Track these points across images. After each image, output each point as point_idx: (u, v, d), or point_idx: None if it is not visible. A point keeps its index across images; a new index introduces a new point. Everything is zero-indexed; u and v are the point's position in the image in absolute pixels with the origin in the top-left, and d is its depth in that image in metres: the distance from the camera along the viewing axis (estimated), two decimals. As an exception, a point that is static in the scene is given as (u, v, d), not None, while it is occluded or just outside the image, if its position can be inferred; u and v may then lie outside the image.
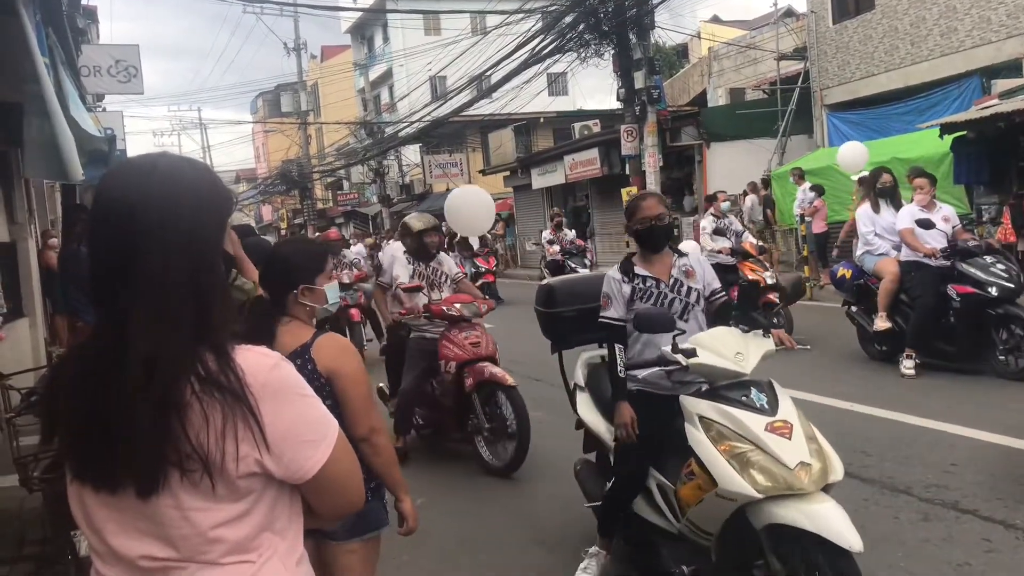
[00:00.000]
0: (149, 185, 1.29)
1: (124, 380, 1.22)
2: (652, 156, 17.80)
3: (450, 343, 5.96)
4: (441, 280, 6.40)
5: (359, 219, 42.03)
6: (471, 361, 5.87)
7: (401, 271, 6.31)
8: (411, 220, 6.48)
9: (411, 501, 2.68)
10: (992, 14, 14.39)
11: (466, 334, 5.98)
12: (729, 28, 30.64)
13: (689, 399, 3.30)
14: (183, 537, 1.27)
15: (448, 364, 5.93)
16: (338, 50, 49.38)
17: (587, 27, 17.60)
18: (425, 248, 6.34)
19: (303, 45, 37.27)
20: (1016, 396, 6.43)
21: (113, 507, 1.28)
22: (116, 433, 1.23)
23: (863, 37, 17.31)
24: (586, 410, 4.20)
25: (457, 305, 6.06)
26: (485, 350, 5.96)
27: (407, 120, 29.83)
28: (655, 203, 3.82)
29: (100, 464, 1.26)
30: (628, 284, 3.78)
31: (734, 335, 3.37)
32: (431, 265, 6.39)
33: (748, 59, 22.68)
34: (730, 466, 3.00)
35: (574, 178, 23.85)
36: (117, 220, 1.27)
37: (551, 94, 31.45)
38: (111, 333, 1.27)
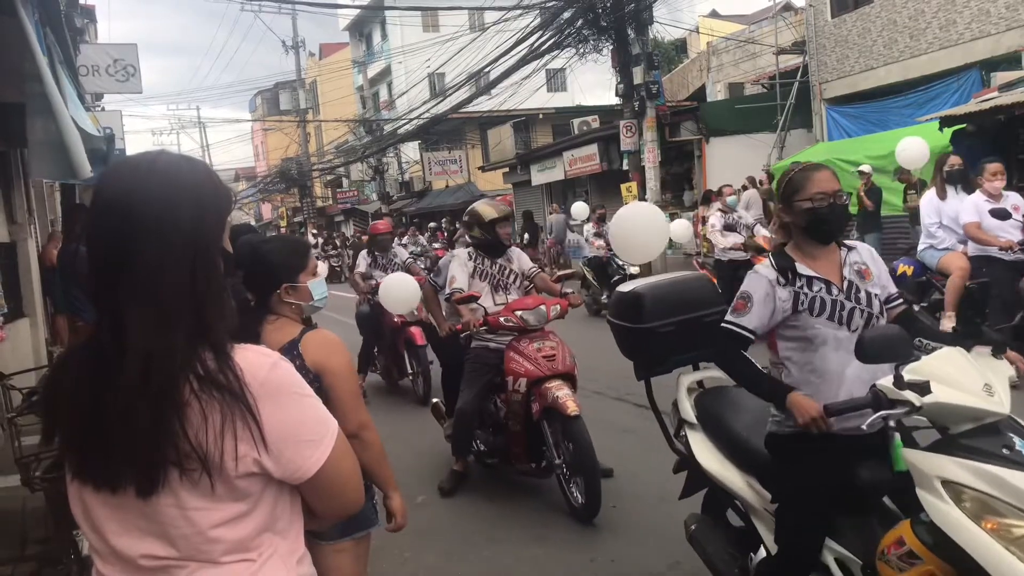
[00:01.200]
0: (148, 182, 1.28)
1: (123, 378, 1.22)
2: (651, 151, 17.78)
3: (518, 355, 4.98)
4: (509, 280, 5.48)
5: (358, 217, 42.04)
6: (544, 379, 4.86)
7: (458, 271, 5.37)
8: (480, 207, 5.52)
9: (400, 497, 2.67)
10: (991, 6, 14.36)
11: (538, 344, 5.00)
12: (728, 23, 30.59)
13: (925, 455, 2.34)
14: (183, 536, 1.28)
15: (516, 382, 4.93)
16: (336, 47, 49.36)
17: (585, 23, 17.57)
18: (497, 241, 5.43)
19: (301, 43, 37.25)
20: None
21: (114, 506, 1.28)
22: (115, 432, 1.23)
23: (862, 31, 17.29)
24: (707, 455, 3.23)
25: (518, 313, 5.08)
26: (561, 364, 4.95)
27: (406, 117, 29.81)
28: (829, 176, 2.79)
29: (100, 464, 1.26)
30: (787, 287, 2.79)
31: (967, 358, 2.43)
32: (498, 262, 5.48)
33: (747, 54, 22.65)
34: (1010, 554, 2.08)
35: (573, 174, 23.84)
36: (117, 217, 1.26)
37: (550, 90, 31.41)
38: (110, 331, 1.26)
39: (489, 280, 5.42)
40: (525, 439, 5.00)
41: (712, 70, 24.30)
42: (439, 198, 33.70)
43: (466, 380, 5.28)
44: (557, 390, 4.72)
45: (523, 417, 4.94)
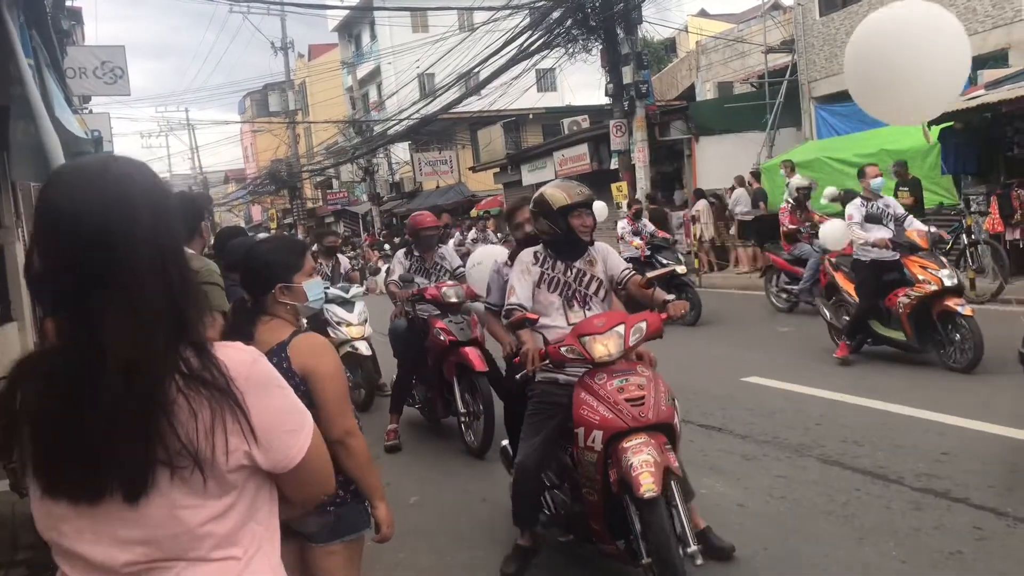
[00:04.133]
0: (106, 192, 1.26)
1: (106, 384, 1.21)
2: (641, 151, 17.83)
3: (592, 397, 3.54)
4: (590, 289, 4.00)
5: (349, 218, 41.96)
6: (626, 432, 3.41)
7: (519, 279, 4.00)
8: (550, 191, 3.99)
9: (387, 507, 2.65)
10: (977, 4, 14.44)
11: (620, 381, 3.54)
12: (717, 22, 30.68)
13: None
14: (172, 536, 1.27)
15: (590, 435, 3.49)
16: (325, 48, 49.24)
17: (575, 22, 17.60)
18: (573, 237, 3.95)
19: (290, 44, 37.15)
20: (1005, 385, 6.48)
21: (91, 517, 1.26)
22: (98, 438, 1.22)
23: (850, 29, 17.28)
24: None
25: (584, 340, 3.62)
26: (652, 411, 3.46)
27: (396, 118, 29.78)
28: None
29: (80, 474, 1.23)
30: None
31: None
32: (575, 266, 4.01)
33: (736, 53, 22.70)
34: None
35: (564, 174, 23.82)
36: (78, 229, 1.24)
37: (540, 90, 31.41)
38: (82, 338, 1.24)
39: (562, 291, 3.99)
40: (603, 512, 3.59)
41: (701, 69, 24.35)
42: (429, 199, 33.65)
43: (528, 425, 3.94)
44: (635, 454, 3.32)
45: (600, 484, 3.52)
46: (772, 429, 5.99)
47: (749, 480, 5.03)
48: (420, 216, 7.07)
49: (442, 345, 6.28)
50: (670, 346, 4.18)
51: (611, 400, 3.49)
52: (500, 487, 5.41)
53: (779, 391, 7.09)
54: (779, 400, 6.81)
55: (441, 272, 6.85)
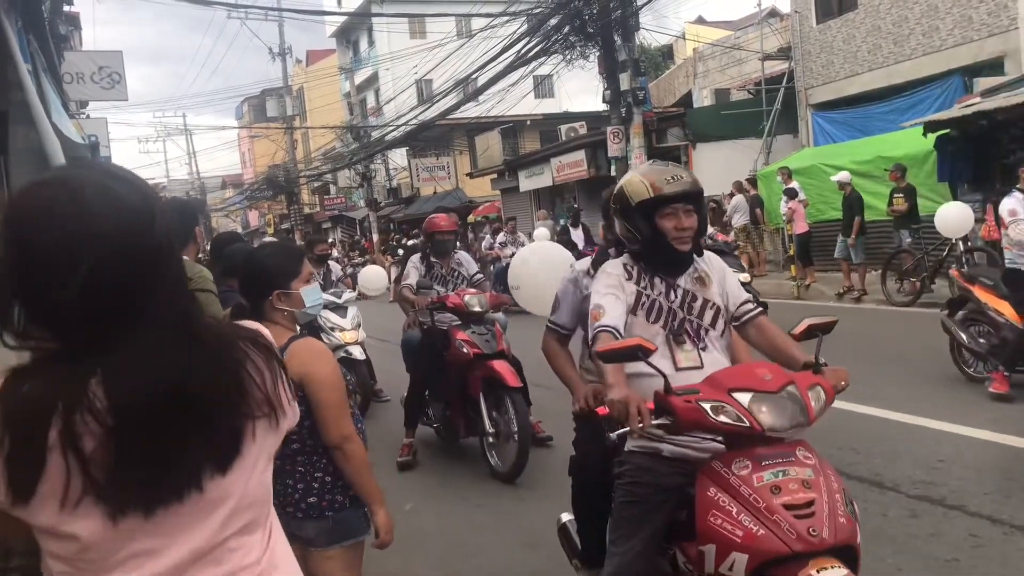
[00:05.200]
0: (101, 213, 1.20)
1: (199, 361, 1.23)
2: (639, 157, 17.81)
3: (726, 496, 2.31)
4: (703, 319, 2.78)
5: (346, 223, 41.95)
6: (790, 557, 2.16)
7: (606, 298, 2.71)
8: (632, 181, 2.78)
9: (386, 513, 2.65)
10: (973, 12, 14.50)
11: (774, 474, 2.29)
12: (714, 29, 30.75)
13: None
14: (252, 504, 1.31)
15: (726, 558, 2.26)
16: (323, 54, 49.28)
17: (572, 29, 17.62)
18: (665, 246, 2.73)
19: (288, 50, 37.18)
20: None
21: (165, 520, 1.22)
22: (185, 421, 1.20)
23: (846, 36, 17.41)
24: None
25: (749, 397, 2.34)
26: (827, 525, 2.19)
27: (393, 124, 29.79)
28: None
29: (161, 472, 1.19)
30: None
31: None
32: (679, 286, 2.79)
33: (733, 59, 22.76)
34: None
35: (561, 180, 23.87)
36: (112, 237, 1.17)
37: (537, 96, 31.50)
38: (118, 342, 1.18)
39: (666, 321, 2.74)
40: None
41: (698, 76, 24.41)
42: (427, 204, 33.64)
43: (621, 519, 2.70)
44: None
45: None
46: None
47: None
48: (435, 218, 6.58)
49: (465, 358, 5.69)
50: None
51: (762, 505, 2.21)
52: (497, 494, 5.42)
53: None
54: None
55: (458, 279, 6.41)
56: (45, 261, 1.15)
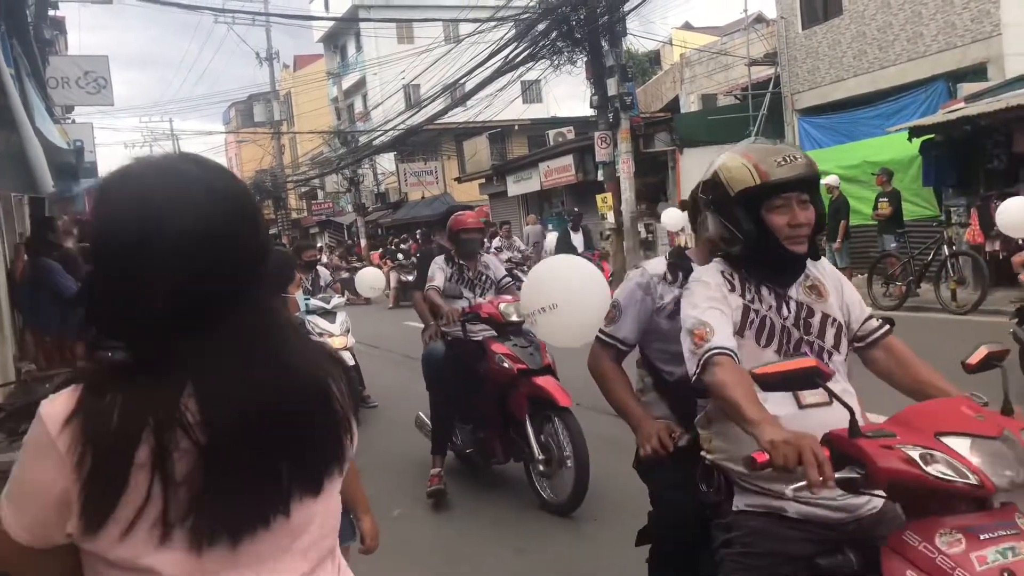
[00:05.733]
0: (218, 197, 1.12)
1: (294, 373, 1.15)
2: (626, 162, 17.89)
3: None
4: (824, 339, 2.25)
5: (334, 228, 41.87)
6: None
7: (708, 313, 2.16)
8: (730, 165, 2.23)
9: (372, 519, 2.64)
10: (956, 19, 14.62)
11: (1000, 552, 1.64)
12: (700, 34, 30.87)
13: None
14: (332, 530, 1.26)
15: None
16: (311, 59, 49.23)
17: (560, 35, 17.67)
18: (773, 247, 2.18)
19: (275, 54, 37.13)
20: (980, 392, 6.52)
21: (254, 547, 1.12)
22: (283, 442, 1.12)
23: (832, 42, 17.52)
24: None
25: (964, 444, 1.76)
26: None
27: (381, 129, 29.78)
28: None
29: (253, 497, 1.10)
30: None
31: None
32: (791, 298, 2.26)
33: (719, 65, 22.85)
34: None
35: (549, 185, 23.91)
36: (215, 249, 1.08)
37: (525, 101, 31.51)
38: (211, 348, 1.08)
39: (781, 342, 2.22)
40: None
41: (685, 81, 24.49)
42: (415, 209, 33.63)
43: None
44: None
45: None
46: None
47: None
48: (461, 215, 5.75)
49: (508, 375, 5.02)
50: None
51: None
52: (487, 500, 5.40)
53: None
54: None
55: (486, 284, 5.71)
56: (174, 250, 1.04)
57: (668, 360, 2.65)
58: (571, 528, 4.69)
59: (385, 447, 6.81)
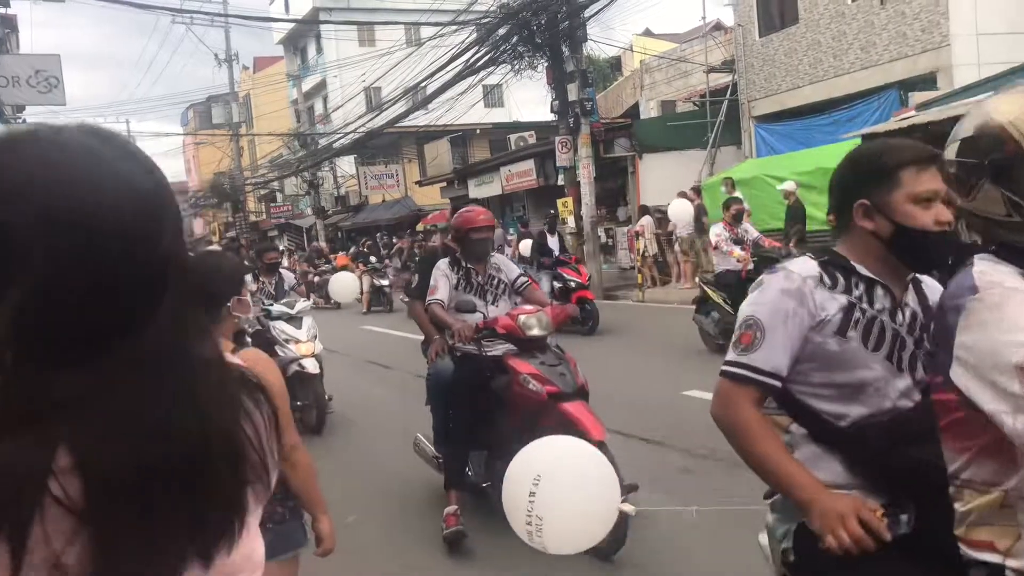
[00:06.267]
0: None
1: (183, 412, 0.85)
2: (586, 167, 17.99)
3: None
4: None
5: (293, 232, 41.50)
6: None
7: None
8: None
9: (329, 521, 2.64)
10: (908, 29, 14.95)
11: None
12: (661, 41, 31.17)
13: None
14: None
15: None
16: (271, 61, 48.76)
17: (520, 40, 17.74)
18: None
19: (235, 56, 36.72)
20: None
21: None
22: (182, 496, 0.84)
23: (788, 50, 17.80)
24: None
25: None
26: None
27: (342, 131, 29.60)
28: None
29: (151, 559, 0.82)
30: None
31: None
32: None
33: (679, 72, 23.11)
34: None
35: (511, 189, 23.97)
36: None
37: (487, 105, 31.56)
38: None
39: None
40: None
41: (645, 88, 24.73)
42: (375, 212, 33.50)
43: None
44: None
45: None
46: (710, 442, 6.06)
47: (686, 493, 5.08)
48: (469, 212, 4.97)
49: (536, 400, 4.33)
50: (610, 356, 4.15)
51: None
52: (441, 502, 5.38)
53: (718, 405, 7.18)
54: (718, 414, 6.91)
55: (499, 289, 4.91)
56: (33, 239, 0.76)
57: (836, 397, 1.86)
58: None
59: (345, 453, 6.77)
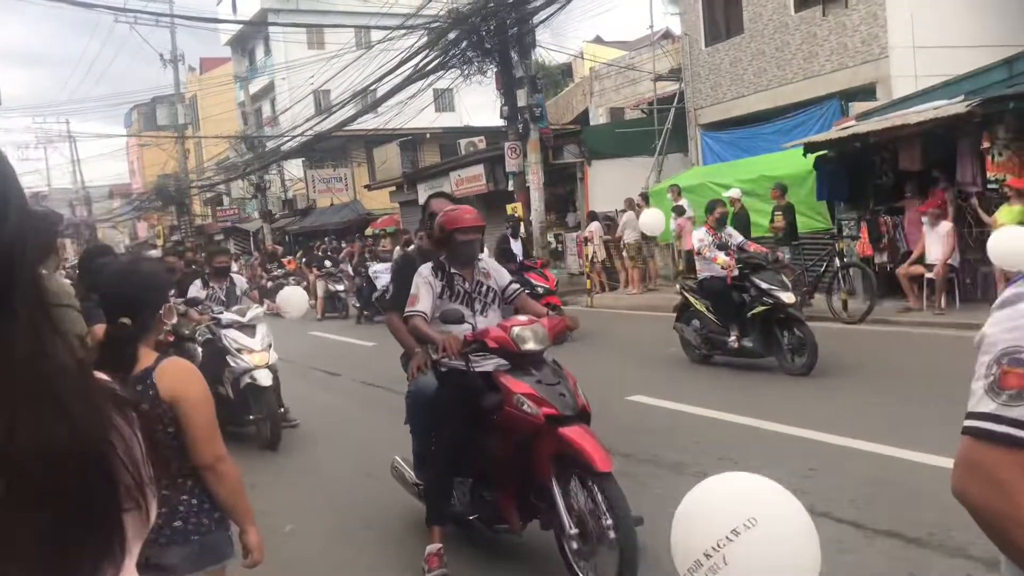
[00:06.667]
0: None
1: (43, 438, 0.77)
2: (535, 173, 18.06)
3: None
4: None
5: (239, 235, 40.85)
6: None
7: None
8: None
9: (257, 532, 2.59)
10: (848, 41, 15.30)
11: None
12: (611, 49, 31.43)
13: None
14: None
15: None
16: (218, 62, 47.98)
17: (470, 44, 17.73)
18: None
19: (181, 56, 36.07)
20: (873, 400, 6.82)
21: None
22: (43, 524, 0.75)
23: (733, 60, 18.08)
24: None
25: None
26: None
27: (290, 134, 29.25)
28: None
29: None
30: None
31: None
32: None
33: (627, 80, 23.32)
34: None
35: (460, 194, 23.86)
36: None
37: (437, 110, 31.46)
38: None
39: None
40: None
41: (594, 95, 24.91)
42: (323, 216, 33.15)
43: None
44: None
45: None
46: (653, 447, 6.10)
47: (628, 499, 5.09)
48: (456, 212, 4.39)
49: (531, 424, 3.80)
50: (557, 361, 4.12)
51: None
52: (382, 512, 5.32)
53: (663, 409, 7.25)
54: (662, 418, 6.96)
55: (488, 296, 4.42)
56: None
57: None
58: (470, 543, 4.64)
59: (290, 462, 6.65)
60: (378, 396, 8.72)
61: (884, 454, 5.46)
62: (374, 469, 5.83)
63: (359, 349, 13.22)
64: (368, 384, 9.67)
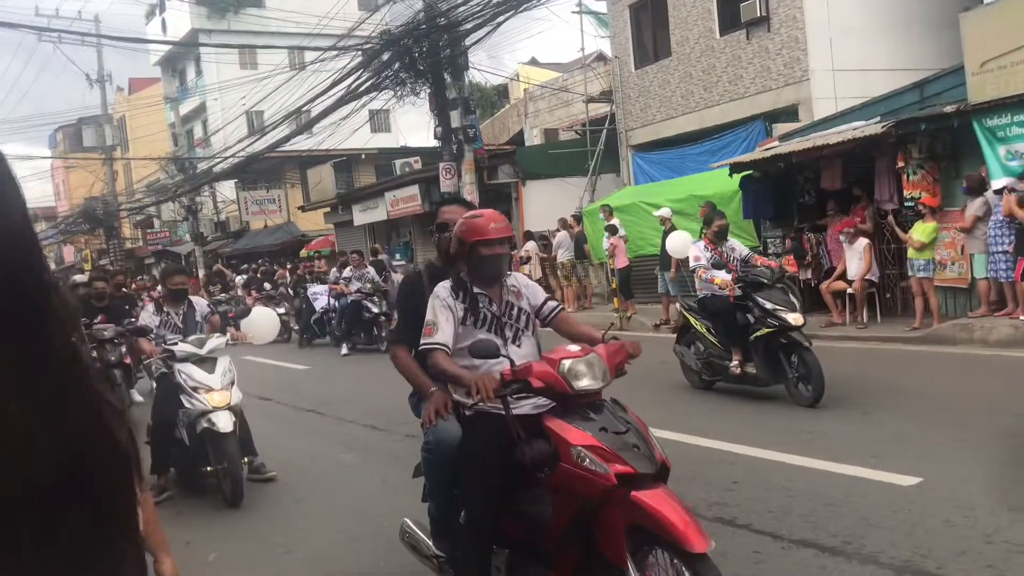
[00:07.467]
0: None
1: None
2: (471, 193, 18.09)
3: None
4: None
5: (171, 258, 39.97)
6: None
7: None
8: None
9: (172, 562, 2.53)
10: (771, 64, 15.77)
11: None
12: (545, 70, 31.77)
13: None
14: None
15: None
16: (148, 83, 47.02)
17: (403, 66, 17.76)
18: None
19: (108, 76, 35.30)
20: (796, 414, 7.00)
21: None
22: None
23: (662, 82, 18.46)
24: None
25: None
26: None
27: (221, 155, 28.81)
28: None
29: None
30: None
31: None
32: None
33: (561, 101, 23.62)
34: None
35: (396, 214, 23.81)
36: None
37: (373, 130, 31.35)
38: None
39: None
40: None
41: (529, 116, 25.15)
42: (256, 238, 32.68)
43: None
44: None
45: None
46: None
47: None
48: (478, 220, 3.56)
49: (597, 486, 2.94)
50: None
51: None
52: (301, 538, 5.25)
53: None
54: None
55: (520, 321, 3.66)
56: None
57: None
58: (402, 562, 4.60)
59: (256, 523, 5.85)
60: (354, 432, 8.44)
61: (803, 466, 5.61)
62: (360, 531, 5.17)
63: (293, 373, 13.04)
64: (313, 412, 9.51)
